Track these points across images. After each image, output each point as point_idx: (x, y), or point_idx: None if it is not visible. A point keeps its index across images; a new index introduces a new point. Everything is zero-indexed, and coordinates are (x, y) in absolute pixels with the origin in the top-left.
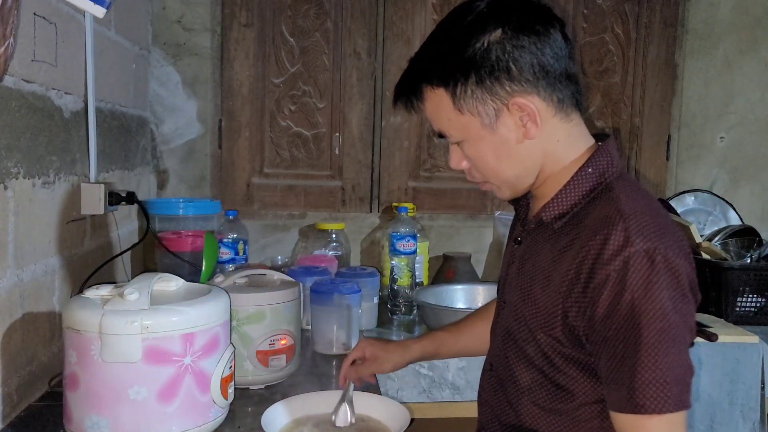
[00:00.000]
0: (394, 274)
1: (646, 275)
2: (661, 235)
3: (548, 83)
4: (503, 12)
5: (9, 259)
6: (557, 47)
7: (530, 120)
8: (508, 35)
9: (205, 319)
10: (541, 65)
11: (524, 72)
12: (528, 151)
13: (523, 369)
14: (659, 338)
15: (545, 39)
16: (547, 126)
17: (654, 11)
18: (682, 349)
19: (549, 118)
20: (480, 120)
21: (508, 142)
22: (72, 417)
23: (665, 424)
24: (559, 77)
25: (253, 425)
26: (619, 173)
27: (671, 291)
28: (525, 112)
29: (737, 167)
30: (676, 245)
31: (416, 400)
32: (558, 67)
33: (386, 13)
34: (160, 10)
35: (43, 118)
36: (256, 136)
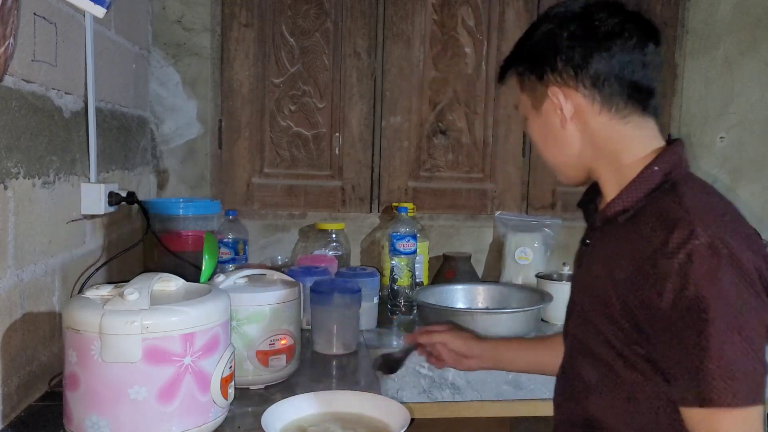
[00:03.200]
0: (394, 274)
1: (711, 267)
2: (727, 228)
3: (593, 83)
4: (569, 13)
5: (9, 259)
6: (622, 54)
7: (561, 110)
8: (562, 33)
9: (205, 319)
10: (583, 65)
11: (566, 67)
12: (570, 140)
13: (590, 367)
14: (725, 331)
15: (605, 44)
16: (592, 122)
17: (654, 11)
18: (751, 343)
19: (593, 115)
20: (531, 102)
21: (551, 126)
22: (72, 417)
23: (738, 420)
24: (610, 80)
25: (253, 425)
26: (687, 173)
27: (738, 284)
28: (557, 101)
29: (737, 167)
30: (742, 239)
31: (416, 400)
32: (611, 71)
33: (386, 13)
34: (160, 10)
35: (43, 118)
36: (256, 136)
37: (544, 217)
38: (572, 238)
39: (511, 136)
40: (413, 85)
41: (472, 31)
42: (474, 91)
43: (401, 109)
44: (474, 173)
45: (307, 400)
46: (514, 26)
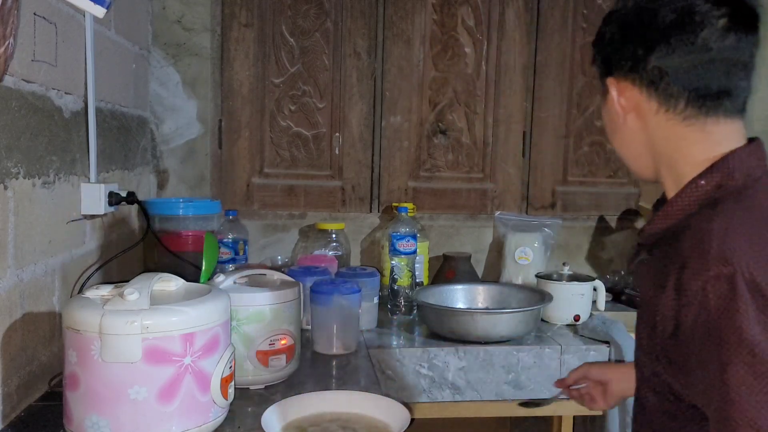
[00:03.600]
0: (394, 274)
1: (727, 301)
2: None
3: (651, 80)
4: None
5: (9, 259)
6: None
7: (621, 101)
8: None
9: (205, 319)
10: (640, 60)
11: (623, 61)
12: (631, 134)
13: (644, 391)
14: (748, 374)
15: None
16: (650, 120)
17: None
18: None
19: (650, 112)
20: (601, 90)
21: (613, 118)
22: (72, 417)
23: None
24: (669, 78)
25: (253, 425)
26: (743, 185)
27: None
28: (619, 91)
29: None
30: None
31: (416, 400)
32: (670, 68)
33: (386, 13)
34: (160, 10)
35: (43, 118)
36: (256, 136)
37: (544, 217)
38: (572, 238)
39: (511, 136)
40: (413, 85)
41: (472, 30)
42: (474, 91)
43: (401, 109)
44: (474, 173)
45: (307, 400)
46: (514, 26)
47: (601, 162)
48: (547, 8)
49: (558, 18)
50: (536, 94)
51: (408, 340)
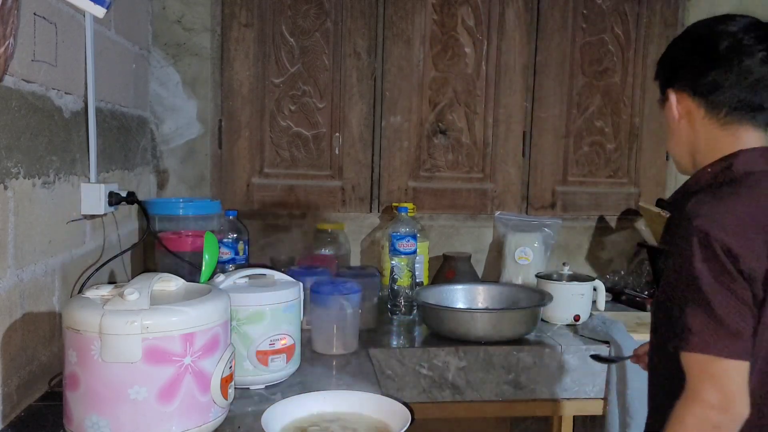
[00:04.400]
0: (394, 274)
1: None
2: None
3: (703, 93)
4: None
5: (9, 259)
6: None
7: (675, 109)
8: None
9: (205, 319)
10: (697, 78)
11: (682, 78)
12: (681, 134)
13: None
14: (697, 304)
15: (713, 62)
16: (697, 123)
17: (654, 11)
18: (712, 302)
19: (699, 117)
20: (661, 97)
21: (670, 120)
22: (72, 417)
23: (694, 363)
24: (719, 93)
25: (253, 425)
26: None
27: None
28: (673, 102)
29: None
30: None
31: (416, 400)
32: (721, 85)
33: (386, 13)
34: (160, 10)
35: (43, 118)
36: (256, 136)
37: (544, 217)
38: (572, 238)
39: (511, 136)
40: (413, 85)
41: (472, 30)
42: (474, 91)
43: (401, 109)
44: (474, 173)
45: (306, 400)
46: (514, 26)
47: (601, 162)
48: (547, 8)
49: (558, 18)
50: (536, 94)
51: (408, 340)
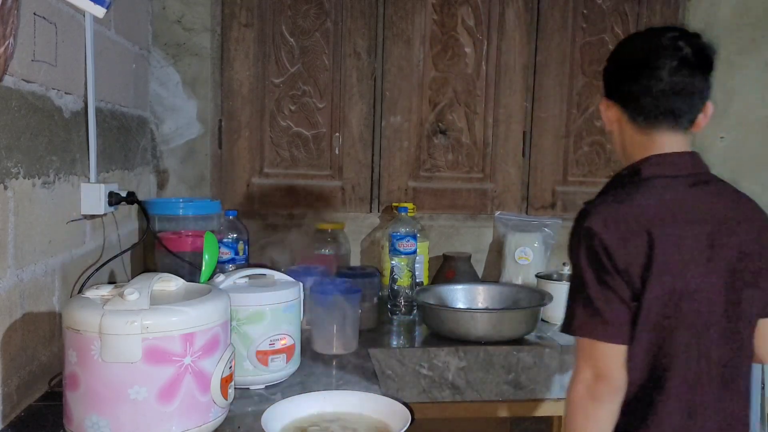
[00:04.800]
0: (394, 274)
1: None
2: (598, 218)
3: (626, 101)
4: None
5: (9, 259)
6: (643, 83)
7: (606, 118)
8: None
9: (205, 319)
10: (615, 87)
11: (609, 87)
12: (616, 138)
13: None
14: (576, 288)
15: (630, 73)
16: (625, 127)
17: (654, 11)
18: (591, 293)
19: (625, 122)
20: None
21: (606, 126)
22: (72, 417)
23: (577, 345)
24: (640, 101)
25: (253, 425)
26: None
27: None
28: (603, 109)
29: (737, 167)
30: (603, 225)
31: (416, 400)
32: (640, 95)
33: (386, 13)
34: (160, 10)
35: (43, 118)
36: (256, 136)
37: (544, 217)
38: None
39: (511, 136)
40: (413, 85)
41: (472, 30)
42: (474, 91)
43: (401, 109)
44: (474, 173)
45: (307, 400)
46: (514, 26)
47: (602, 162)
48: (547, 8)
49: (558, 18)
50: (536, 94)
51: (408, 340)
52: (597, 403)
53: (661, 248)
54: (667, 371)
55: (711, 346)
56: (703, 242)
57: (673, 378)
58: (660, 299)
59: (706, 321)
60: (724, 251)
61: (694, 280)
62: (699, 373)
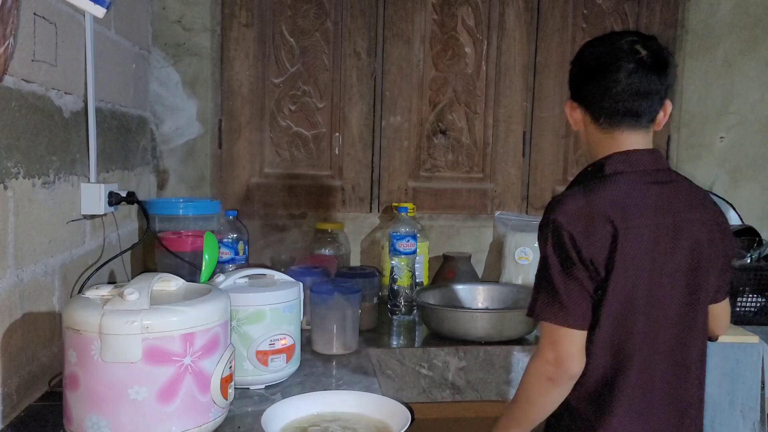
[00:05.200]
0: (394, 274)
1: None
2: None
3: (584, 103)
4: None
5: (9, 259)
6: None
7: (570, 118)
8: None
9: (205, 319)
10: (577, 89)
11: (573, 89)
12: (581, 138)
13: None
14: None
15: (590, 75)
16: (588, 127)
17: (654, 11)
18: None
19: (589, 122)
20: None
21: (572, 126)
22: (72, 417)
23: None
24: (601, 102)
25: (253, 425)
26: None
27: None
28: (568, 110)
29: (737, 167)
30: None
31: (416, 400)
32: (595, 98)
33: (386, 13)
34: (160, 10)
35: (43, 118)
36: (256, 136)
37: None
38: None
39: (511, 136)
40: (413, 85)
41: (472, 30)
42: (474, 90)
43: (401, 108)
44: (474, 173)
45: (307, 400)
46: (514, 26)
47: None
48: (547, 8)
49: (558, 18)
50: (536, 94)
51: (408, 340)
52: (552, 384)
53: (625, 240)
54: (628, 358)
55: (669, 334)
56: (663, 234)
57: (634, 365)
58: (623, 289)
59: (666, 310)
60: (683, 243)
61: (656, 270)
62: (657, 360)
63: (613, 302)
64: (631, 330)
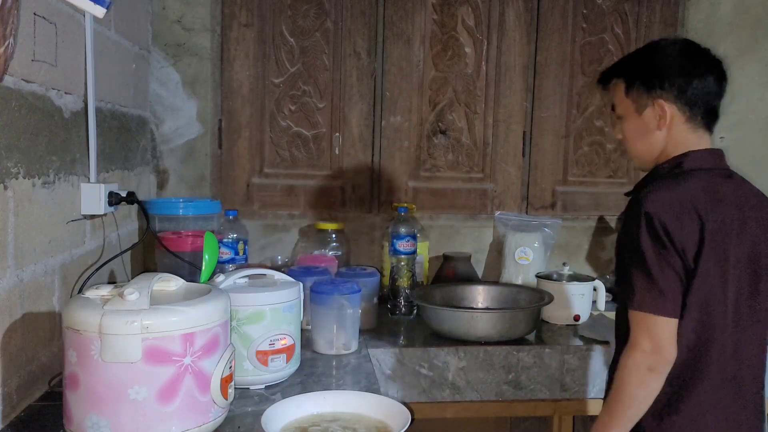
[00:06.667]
0: (394, 274)
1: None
2: (656, 204)
3: (685, 102)
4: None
5: (9, 259)
6: (704, 85)
7: (662, 117)
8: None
9: (204, 319)
10: (682, 89)
11: (672, 88)
12: (656, 138)
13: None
14: (639, 271)
15: (695, 76)
16: (675, 127)
17: (654, 11)
18: (653, 274)
19: (679, 122)
20: (635, 106)
21: (648, 127)
22: (72, 417)
23: (635, 318)
24: (696, 102)
25: (253, 425)
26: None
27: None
28: (662, 111)
29: (737, 167)
30: (672, 214)
31: (416, 400)
32: (697, 97)
33: (386, 12)
34: (160, 10)
35: (43, 118)
36: (256, 136)
37: (544, 217)
38: (572, 238)
39: (511, 136)
40: (413, 85)
41: (472, 30)
42: (474, 90)
43: (401, 108)
44: (474, 173)
45: (307, 400)
46: (514, 26)
47: (601, 162)
48: (547, 8)
49: (558, 18)
50: (536, 93)
51: (408, 340)
52: (653, 375)
53: (709, 231)
54: (709, 345)
55: (742, 320)
56: (737, 225)
57: (714, 351)
58: (708, 277)
59: (737, 299)
60: (746, 237)
61: (733, 259)
62: (736, 345)
63: (699, 290)
64: (710, 318)
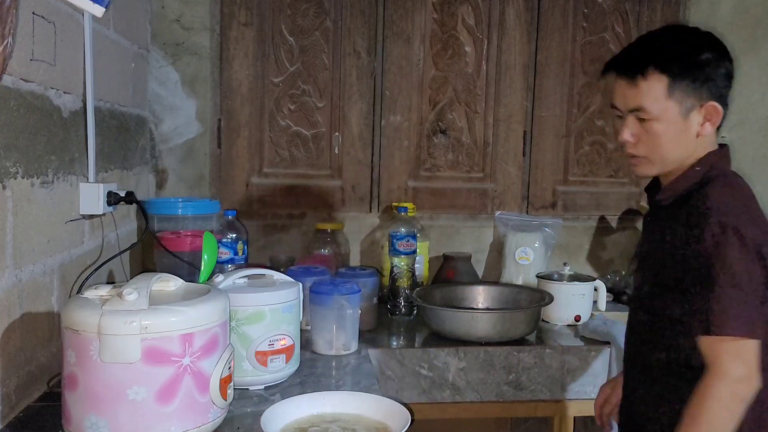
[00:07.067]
0: (394, 274)
1: (719, 239)
2: (737, 214)
3: (724, 103)
4: (724, 49)
5: (7, 259)
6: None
7: (711, 122)
8: (721, 66)
9: (204, 320)
10: (727, 88)
11: (718, 87)
12: (696, 144)
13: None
14: (729, 286)
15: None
16: (709, 131)
17: (654, 11)
18: (743, 291)
19: (716, 122)
20: (678, 108)
21: (689, 132)
22: (71, 417)
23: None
24: (726, 100)
25: (252, 426)
26: (720, 172)
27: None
28: (712, 114)
29: (737, 167)
30: (748, 221)
31: (416, 401)
32: (727, 93)
33: (386, 12)
34: (159, 9)
35: (41, 117)
36: (256, 136)
37: (545, 217)
38: (572, 238)
39: (511, 136)
40: (413, 84)
41: (473, 29)
42: (474, 90)
43: (401, 108)
44: (474, 173)
45: (306, 401)
46: (514, 25)
47: (602, 162)
48: (548, 7)
49: (558, 17)
50: (537, 93)
51: (408, 340)
52: (743, 404)
53: None
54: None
55: None
56: None
57: None
58: None
59: None
60: None
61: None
62: None
63: None
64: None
